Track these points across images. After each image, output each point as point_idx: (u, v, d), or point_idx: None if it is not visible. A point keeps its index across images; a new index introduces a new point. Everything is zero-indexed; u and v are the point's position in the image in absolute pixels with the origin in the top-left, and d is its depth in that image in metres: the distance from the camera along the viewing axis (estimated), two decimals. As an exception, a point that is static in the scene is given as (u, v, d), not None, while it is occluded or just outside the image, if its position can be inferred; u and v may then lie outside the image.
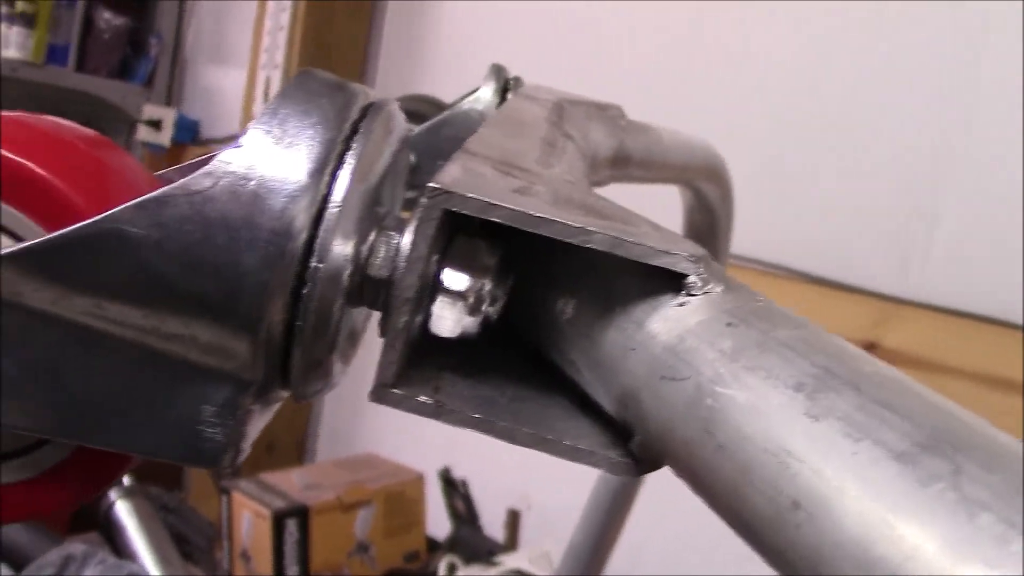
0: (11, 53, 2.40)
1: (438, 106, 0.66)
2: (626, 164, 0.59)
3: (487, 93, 0.61)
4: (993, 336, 1.21)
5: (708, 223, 0.80)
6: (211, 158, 0.24)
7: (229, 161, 0.24)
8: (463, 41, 1.98)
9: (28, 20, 2.43)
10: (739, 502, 0.21)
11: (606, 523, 0.81)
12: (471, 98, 0.61)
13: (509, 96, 0.60)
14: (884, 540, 0.17)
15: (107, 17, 2.68)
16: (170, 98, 2.79)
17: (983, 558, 0.15)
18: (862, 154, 1.37)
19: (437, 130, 0.59)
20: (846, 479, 0.18)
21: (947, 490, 0.17)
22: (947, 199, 1.29)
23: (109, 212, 0.24)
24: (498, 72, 0.61)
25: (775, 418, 0.20)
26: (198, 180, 0.24)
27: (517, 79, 0.62)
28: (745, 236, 0.90)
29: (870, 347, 1.27)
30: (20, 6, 2.40)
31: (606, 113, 0.58)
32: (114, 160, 0.27)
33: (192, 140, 2.61)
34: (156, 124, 2.59)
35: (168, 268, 0.24)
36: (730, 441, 0.21)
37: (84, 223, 0.24)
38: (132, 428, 0.25)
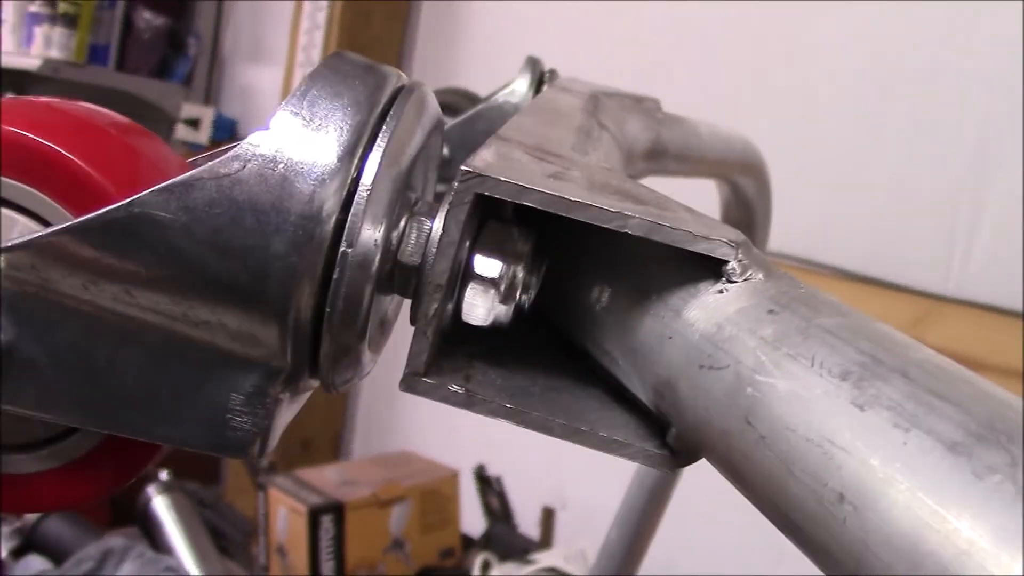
0: (53, 53, 2.42)
1: (472, 99, 0.66)
2: (662, 157, 0.58)
3: (522, 85, 0.60)
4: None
5: (745, 219, 0.79)
6: (241, 142, 0.24)
7: (257, 144, 0.23)
8: (497, 39, 1.97)
9: (70, 21, 2.45)
10: (781, 495, 0.20)
11: (641, 521, 0.80)
12: (506, 91, 0.60)
13: (544, 88, 0.59)
14: (936, 535, 0.16)
15: (147, 17, 2.71)
16: (208, 97, 2.81)
17: (1044, 553, 0.15)
18: (905, 151, 1.35)
19: (471, 123, 0.59)
20: (895, 471, 0.17)
21: (1004, 482, 0.16)
22: (990, 196, 1.27)
23: (136, 196, 0.23)
24: (533, 65, 0.61)
25: (819, 407, 0.20)
26: (226, 163, 0.23)
27: (552, 72, 0.61)
28: (783, 232, 0.89)
29: (911, 345, 1.25)
30: (62, 7, 2.42)
31: (642, 105, 0.57)
32: (145, 146, 0.27)
33: (230, 138, 2.62)
34: (194, 123, 2.62)
35: (196, 252, 0.23)
36: (772, 431, 0.21)
37: (111, 207, 0.23)
38: (160, 417, 0.25)
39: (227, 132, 2.64)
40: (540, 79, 0.60)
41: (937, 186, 1.32)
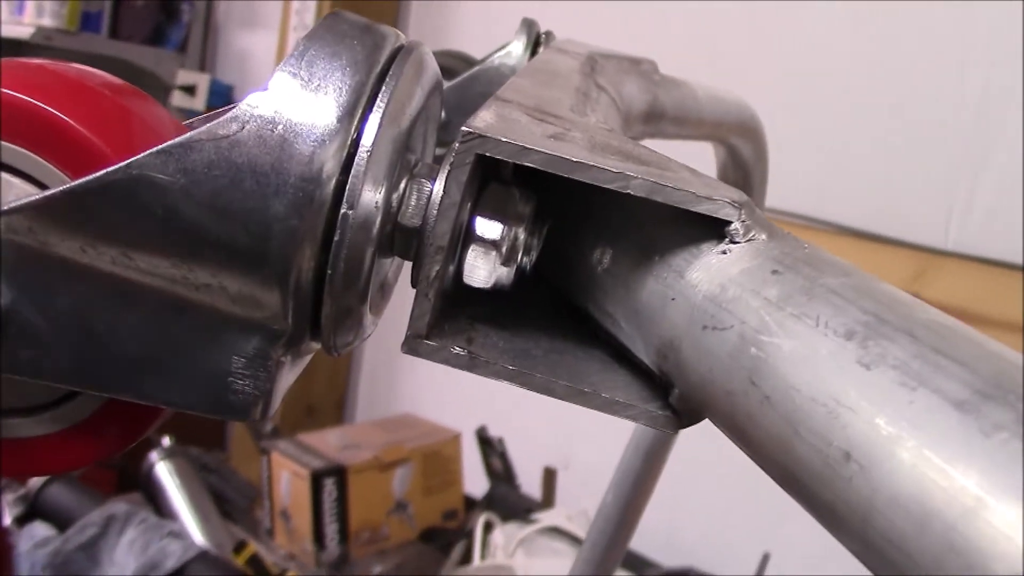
0: (46, 21, 2.40)
1: (468, 62, 0.65)
2: (660, 119, 0.58)
3: (518, 48, 0.59)
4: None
5: (742, 181, 0.78)
6: (239, 103, 0.23)
7: (256, 105, 0.23)
8: (495, 7, 1.95)
9: (62, -13, 2.43)
10: (786, 455, 0.20)
11: (637, 485, 0.80)
12: (502, 53, 0.60)
13: (540, 50, 0.58)
14: (943, 492, 0.16)
15: (139, -17, 2.68)
16: (204, 63, 2.78)
17: (1052, 510, 0.15)
18: (904, 107, 1.34)
19: (468, 86, 0.58)
20: (902, 429, 0.17)
21: (1012, 440, 0.16)
22: (989, 151, 1.26)
23: (134, 158, 0.23)
24: (529, 27, 0.60)
25: (825, 367, 0.20)
26: (225, 124, 0.23)
27: (548, 33, 0.61)
28: (784, 189, 0.89)
29: (911, 299, 1.25)
30: (53, -27, 2.40)
31: (639, 67, 0.56)
32: (140, 107, 0.26)
33: (226, 104, 2.60)
34: (190, 89, 2.59)
35: (196, 214, 0.23)
36: (776, 391, 0.20)
37: (109, 169, 0.23)
38: (162, 380, 0.25)
39: (223, 98, 2.62)
40: (536, 41, 0.60)
41: (936, 141, 1.31)
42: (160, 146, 0.23)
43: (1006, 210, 1.25)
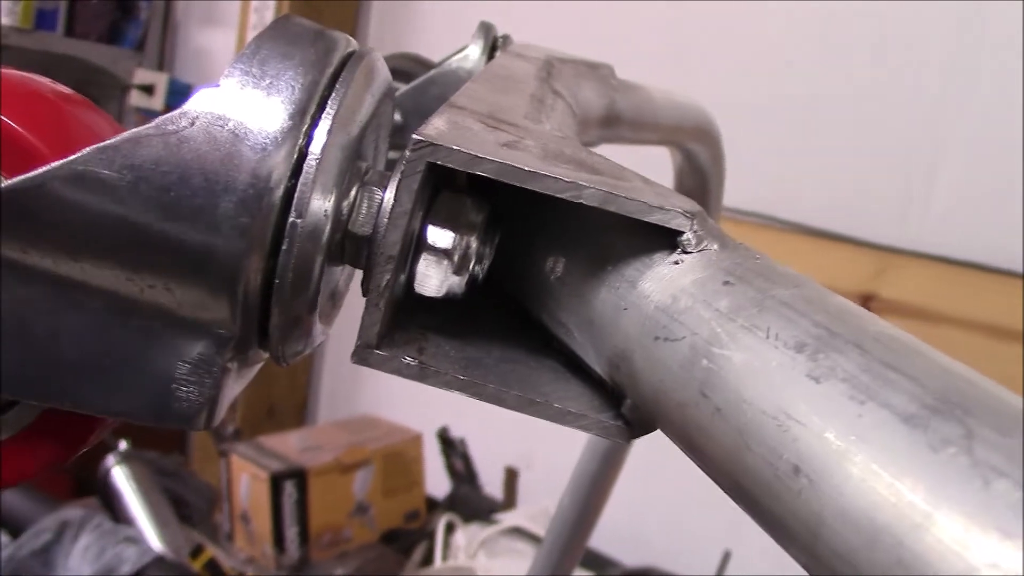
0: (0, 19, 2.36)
1: (425, 65, 0.65)
2: (616, 124, 0.57)
3: (475, 51, 0.59)
4: (992, 285, 1.20)
5: (699, 185, 0.78)
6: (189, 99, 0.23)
7: (206, 101, 0.23)
8: (458, 8, 1.95)
9: (16, -16, 2.39)
10: (736, 467, 0.20)
11: (594, 487, 0.81)
12: (459, 56, 0.59)
13: (497, 54, 0.58)
14: (891, 507, 0.16)
15: (95, -21, 2.64)
16: (162, 62, 2.75)
17: (999, 527, 0.14)
18: (861, 106, 1.36)
19: (424, 89, 0.58)
20: (851, 443, 0.17)
21: (959, 455, 0.16)
22: (946, 150, 1.28)
23: (79, 154, 0.22)
24: (487, 30, 0.60)
25: (775, 379, 0.19)
26: (174, 119, 0.23)
27: (506, 37, 0.61)
28: (742, 189, 0.89)
29: (869, 298, 1.27)
30: (7, -31, 2.36)
31: (597, 72, 0.56)
32: (83, 113, 0.26)
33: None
34: (148, 89, 2.56)
35: (143, 213, 0.22)
36: (727, 403, 0.20)
37: (52, 166, 0.22)
38: (103, 388, 0.24)
39: (182, 97, 2.59)
40: (493, 45, 0.59)
41: (894, 141, 1.33)
42: (106, 142, 0.22)
43: (963, 209, 1.27)
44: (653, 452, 0.98)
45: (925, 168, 1.29)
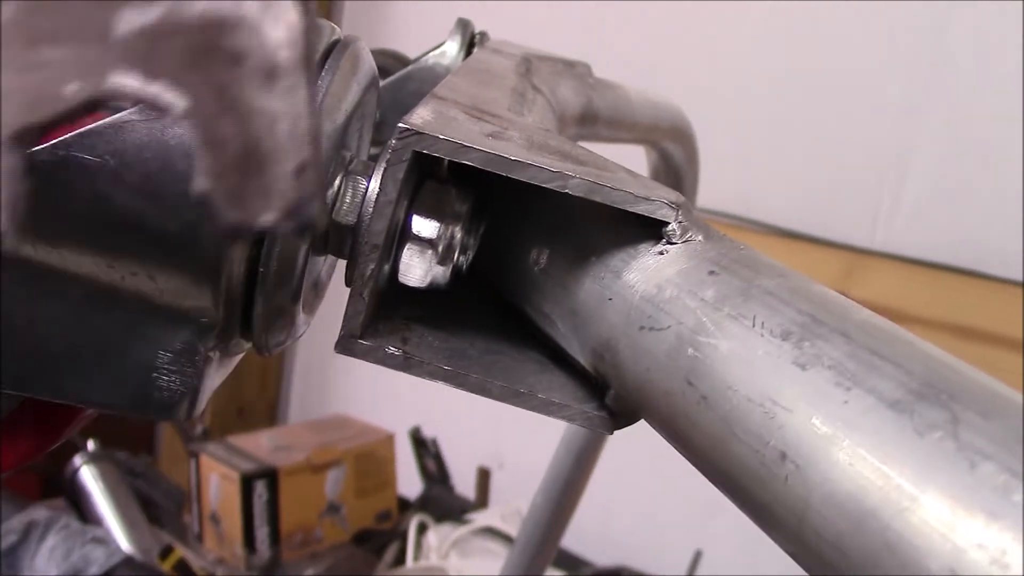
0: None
1: (402, 60, 0.65)
2: (593, 122, 0.58)
3: (452, 48, 0.59)
4: (961, 286, 1.22)
5: (673, 184, 0.78)
6: None
7: None
8: (428, 9, 1.94)
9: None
10: (722, 455, 0.20)
11: (567, 486, 0.81)
12: (436, 52, 0.59)
13: (475, 51, 0.58)
14: (878, 491, 0.16)
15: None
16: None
17: (985, 508, 0.15)
18: (832, 107, 1.37)
19: (401, 84, 0.58)
20: (837, 429, 0.17)
21: (945, 439, 0.16)
22: (916, 152, 1.29)
23: (61, 138, 0.22)
24: (464, 27, 0.60)
25: (761, 367, 0.20)
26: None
27: (483, 34, 0.60)
28: (714, 190, 0.89)
29: (838, 299, 1.27)
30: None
31: (574, 70, 0.56)
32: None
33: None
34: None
35: (126, 199, 0.22)
36: (713, 391, 0.20)
37: (32, 150, 0.22)
38: (83, 377, 0.24)
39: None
40: (471, 42, 0.59)
41: (863, 143, 1.34)
42: (89, 126, 0.22)
43: (931, 210, 1.28)
44: (626, 452, 0.99)
45: (894, 171, 1.31)
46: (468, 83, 0.35)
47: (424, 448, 1.71)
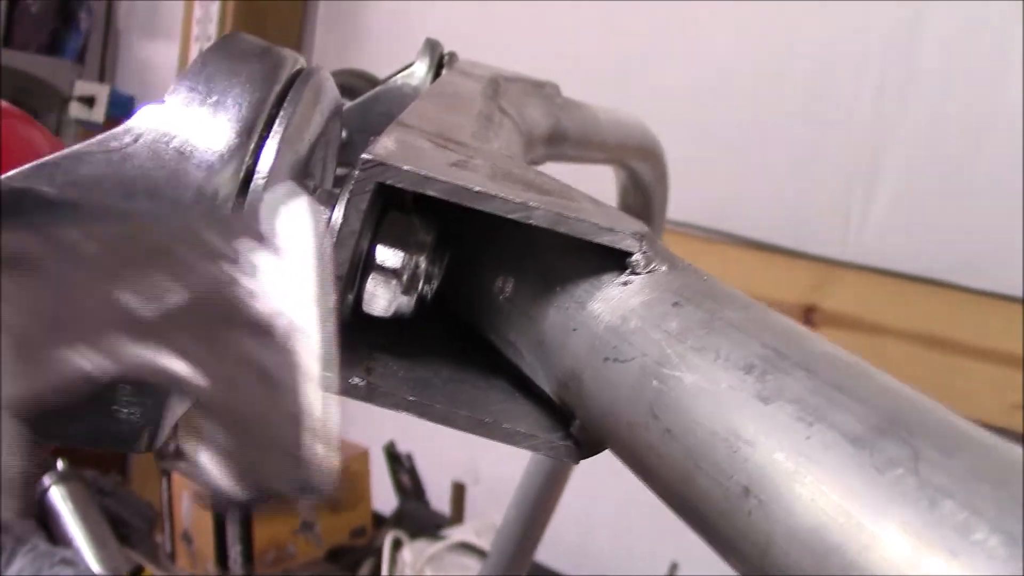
0: (-67, 25, 2.31)
1: (371, 81, 0.64)
2: (562, 143, 0.58)
3: (421, 68, 0.59)
4: (931, 297, 1.23)
5: (642, 203, 0.79)
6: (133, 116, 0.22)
7: (150, 118, 0.22)
8: (403, 13, 1.95)
9: (-51, -9, 2.34)
10: (687, 488, 0.20)
11: (538, 503, 0.81)
12: (404, 73, 0.59)
13: (444, 72, 0.58)
14: (840, 528, 0.16)
15: (34, -12, 2.60)
16: (103, 74, 2.70)
17: (946, 547, 0.15)
18: (801, 119, 1.38)
19: (369, 105, 0.58)
20: (799, 464, 0.17)
21: (906, 476, 0.16)
22: (885, 162, 1.30)
23: (17, 170, 0.22)
24: (432, 47, 0.60)
25: (724, 400, 0.20)
26: (117, 136, 0.22)
27: (452, 54, 0.61)
28: (684, 201, 0.90)
29: (810, 309, 1.28)
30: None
31: (542, 90, 0.56)
32: (20, 127, 0.25)
33: (127, 117, 2.52)
34: (89, 101, 2.51)
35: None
36: (677, 424, 0.20)
37: None
38: None
39: (124, 110, 2.54)
40: (439, 62, 0.59)
41: (833, 154, 1.35)
42: (47, 157, 0.22)
43: (901, 221, 1.29)
44: (599, 465, 0.99)
45: (864, 182, 1.32)
46: (434, 108, 0.35)
47: (399, 463, 1.70)
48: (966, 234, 1.23)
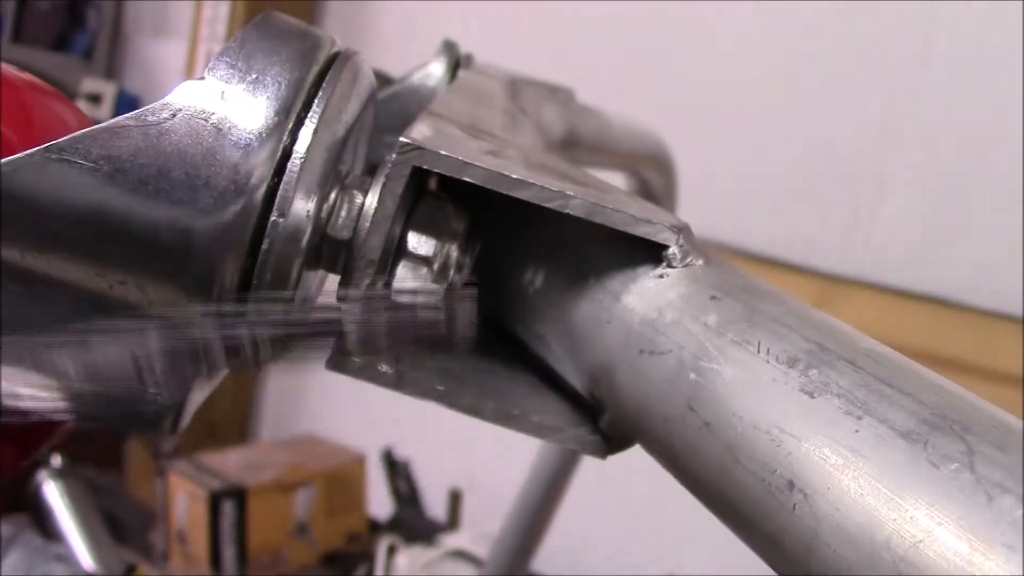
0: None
1: (385, 80, 0.64)
2: (576, 147, 0.58)
3: (438, 69, 0.59)
4: (933, 314, 1.22)
5: (650, 213, 0.79)
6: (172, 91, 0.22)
7: (190, 93, 0.22)
8: (411, 14, 1.95)
9: (-40, -12, 2.34)
10: (725, 483, 0.20)
11: (537, 512, 0.80)
12: (422, 72, 0.59)
13: (460, 73, 0.58)
14: (891, 522, 0.16)
15: (44, -15, 2.60)
16: (110, 71, 2.70)
17: (1005, 542, 0.14)
18: (806, 133, 1.38)
19: (386, 104, 0.57)
20: (848, 458, 0.17)
21: (962, 471, 0.16)
22: (889, 180, 1.30)
23: (53, 142, 0.21)
24: (450, 48, 0.60)
25: (767, 394, 0.19)
26: (155, 111, 0.22)
27: (469, 56, 0.60)
28: (689, 214, 0.89)
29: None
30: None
31: (557, 95, 0.56)
32: (54, 103, 0.25)
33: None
34: (96, 98, 2.51)
35: (118, 206, 0.21)
36: (717, 418, 0.20)
37: (24, 153, 0.21)
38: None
39: (130, 108, 2.54)
40: (456, 63, 0.59)
41: (839, 169, 1.35)
42: (83, 130, 0.22)
43: (905, 237, 1.29)
44: (598, 479, 0.98)
45: (869, 198, 1.32)
46: (462, 102, 0.35)
47: (396, 469, 1.69)
48: (970, 252, 1.23)
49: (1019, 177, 1.16)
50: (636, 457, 0.29)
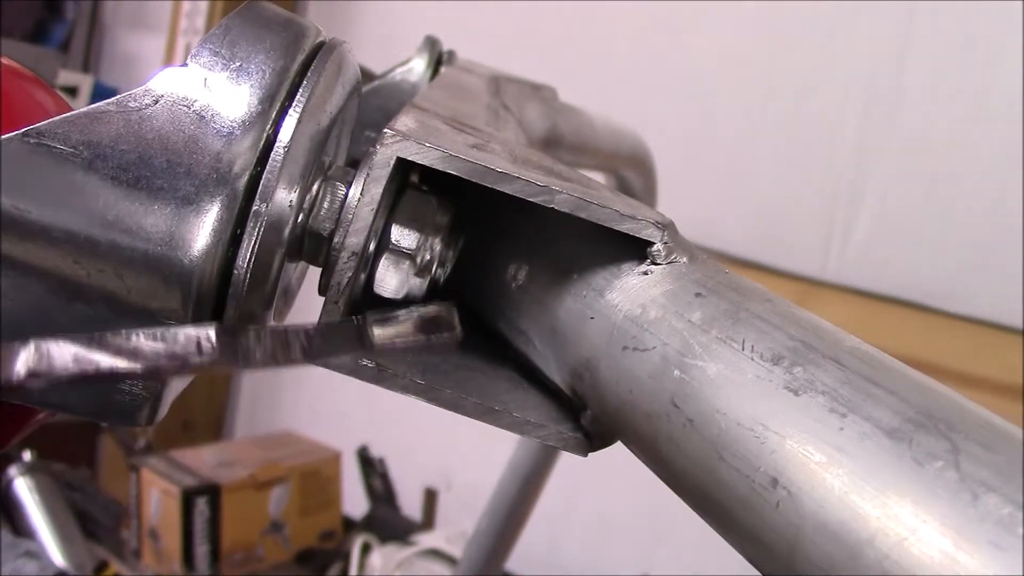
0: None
1: (367, 75, 0.64)
2: (557, 146, 0.58)
3: (420, 65, 0.59)
4: (909, 319, 1.23)
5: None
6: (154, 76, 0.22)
7: (172, 80, 0.22)
8: (392, 12, 1.94)
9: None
10: (708, 480, 0.20)
11: (513, 510, 0.80)
12: (403, 68, 0.59)
13: (443, 69, 0.58)
14: (875, 520, 0.16)
15: (21, -25, 2.57)
16: (87, 64, 2.68)
17: (990, 540, 0.14)
18: (784, 137, 1.38)
19: (367, 99, 0.57)
20: (832, 456, 0.17)
21: (946, 469, 0.16)
22: (868, 185, 1.31)
23: (33, 126, 0.21)
24: (432, 45, 0.60)
25: (752, 391, 0.19)
26: (136, 96, 0.21)
27: (451, 53, 0.60)
28: (670, 217, 0.90)
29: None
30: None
31: (539, 93, 0.56)
32: (34, 89, 0.24)
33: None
34: (72, 91, 2.49)
35: (98, 192, 0.21)
36: (700, 414, 0.20)
37: (2, 137, 0.21)
38: None
39: (106, 100, 2.52)
40: (438, 59, 0.59)
41: (817, 174, 1.35)
42: (63, 115, 0.21)
43: (882, 242, 1.29)
44: (573, 477, 0.98)
45: (847, 203, 1.32)
46: (445, 97, 0.35)
47: (371, 467, 1.69)
48: (947, 257, 1.23)
49: (998, 181, 1.17)
50: (613, 456, 0.29)
